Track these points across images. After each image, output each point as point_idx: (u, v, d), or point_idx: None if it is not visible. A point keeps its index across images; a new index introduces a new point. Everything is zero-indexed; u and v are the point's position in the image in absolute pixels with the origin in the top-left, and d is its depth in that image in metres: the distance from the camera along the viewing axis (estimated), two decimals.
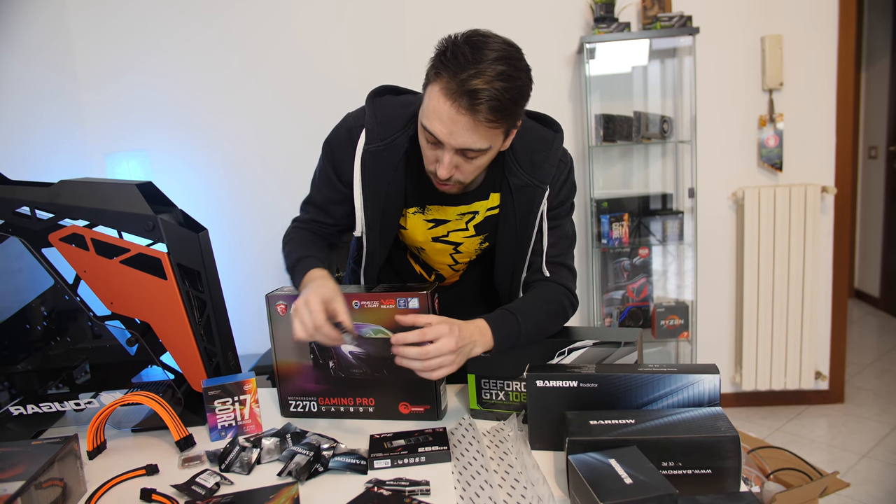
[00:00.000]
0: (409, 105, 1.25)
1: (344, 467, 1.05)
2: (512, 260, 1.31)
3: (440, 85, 1.03)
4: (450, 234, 1.31)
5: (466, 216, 1.29)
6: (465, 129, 1.04)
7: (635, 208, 2.92)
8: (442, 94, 1.03)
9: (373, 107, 1.25)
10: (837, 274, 3.02)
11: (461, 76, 1.00)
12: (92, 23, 3.02)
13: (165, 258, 1.22)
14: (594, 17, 2.75)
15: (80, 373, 1.30)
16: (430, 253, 1.36)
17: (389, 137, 1.23)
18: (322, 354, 1.25)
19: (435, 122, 1.05)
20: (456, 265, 1.38)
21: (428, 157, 1.13)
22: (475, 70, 1.00)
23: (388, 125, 1.23)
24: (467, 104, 1.01)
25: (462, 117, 1.02)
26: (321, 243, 1.35)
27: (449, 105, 1.02)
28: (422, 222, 1.30)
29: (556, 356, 1.17)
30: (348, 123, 1.28)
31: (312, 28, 2.98)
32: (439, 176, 1.11)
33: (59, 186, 1.23)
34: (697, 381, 1.03)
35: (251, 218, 3.13)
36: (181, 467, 1.12)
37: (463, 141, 1.05)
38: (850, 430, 2.87)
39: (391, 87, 1.30)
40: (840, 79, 2.87)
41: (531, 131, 1.25)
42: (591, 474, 0.84)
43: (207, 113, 3.08)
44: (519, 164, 1.23)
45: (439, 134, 1.05)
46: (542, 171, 1.24)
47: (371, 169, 1.24)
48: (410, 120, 1.23)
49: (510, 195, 1.25)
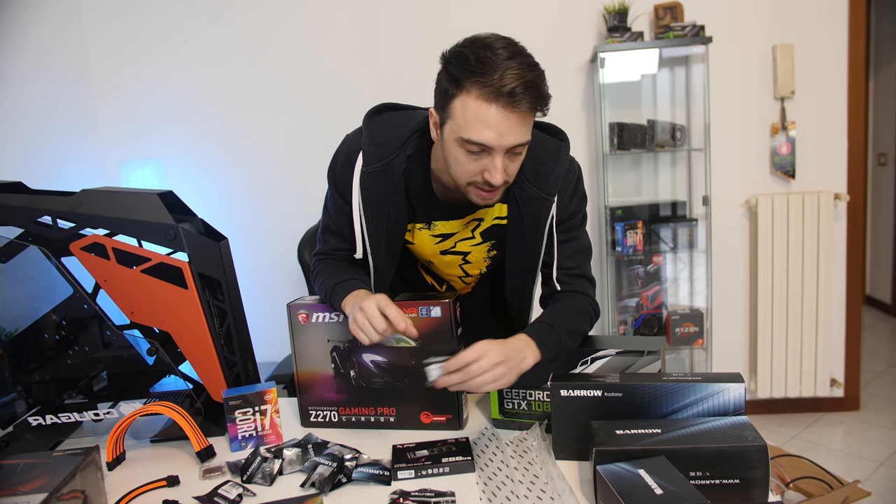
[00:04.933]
0: (408, 122, 1.24)
1: (367, 478, 1.04)
2: (522, 273, 1.30)
3: (475, 94, 1.02)
4: (457, 245, 1.30)
5: (472, 224, 1.29)
6: (513, 127, 1.03)
7: (647, 216, 2.91)
8: (482, 101, 1.02)
9: (370, 127, 1.24)
10: (851, 281, 3.00)
11: (494, 78, 1.00)
12: (108, 31, 3.05)
13: (186, 267, 1.22)
14: (607, 26, 2.75)
15: (98, 382, 1.29)
16: (440, 266, 1.35)
17: (387, 158, 1.22)
18: (343, 364, 1.24)
19: (482, 130, 1.04)
20: (466, 277, 1.37)
21: (469, 170, 1.10)
22: (504, 69, 1.00)
23: (386, 145, 1.22)
24: (511, 102, 1.01)
25: (509, 116, 1.02)
26: (356, 267, 1.34)
27: (494, 109, 1.02)
28: (429, 238, 1.30)
29: (578, 365, 1.16)
30: (346, 147, 1.27)
31: (331, 36, 3.00)
32: (494, 182, 1.08)
33: (81, 196, 1.24)
34: (722, 389, 1.02)
35: (266, 226, 3.14)
36: (202, 478, 1.11)
37: (513, 139, 1.05)
38: (867, 437, 2.84)
39: (390, 105, 1.30)
40: (851, 86, 2.86)
41: (536, 142, 1.22)
42: (620, 485, 0.83)
43: (222, 121, 3.09)
44: (525, 176, 1.21)
45: (490, 140, 1.04)
46: (549, 182, 1.22)
47: (371, 190, 1.24)
48: (408, 138, 1.22)
49: (517, 207, 1.24)
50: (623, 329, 2.97)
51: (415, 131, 1.23)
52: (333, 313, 1.23)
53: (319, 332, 1.24)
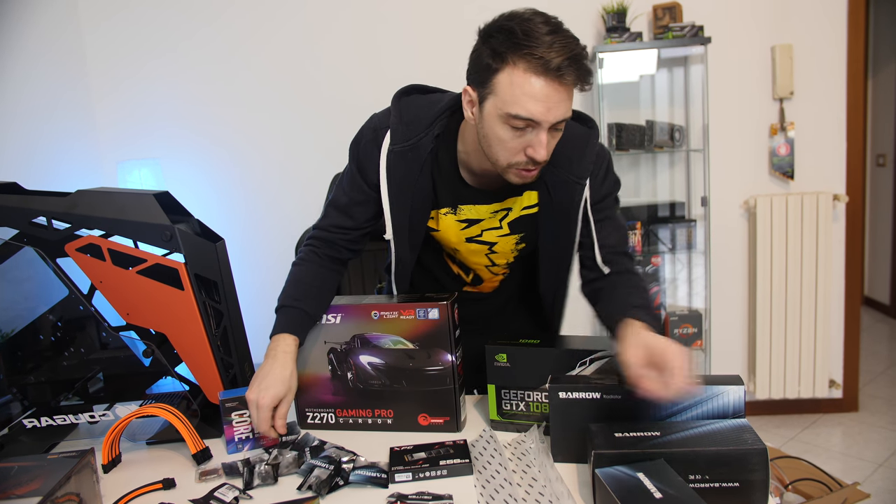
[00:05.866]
0: (436, 104, 1.23)
1: (365, 481, 1.04)
2: (556, 260, 1.28)
3: (522, 67, 1.01)
4: (483, 234, 1.28)
5: (500, 213, 1.27)
6: (560, 101, 1.03)
7: (645, 217, 2.90)
8: (530, 74, 1.01)
9: (398, 106, 1.23)
10: (850, 282, 3.00)
11: (541, 52, 0.99)
12: (106, 31, 3.04)
13: (182, 268, 1.21)
14: (606, 26, 2.74)
15: (93, 384, 1.29)
16: (465, 254, 1.33)
17: (415, 137, 1.20)
18: (340, 366, 1.24)
19: (530, 104, 1.03)
20: (493, 266, 1.35)
21: (513, 149, 1.09)
22: (550, 41, 1.00)
23: (414, 125, 1.21)
24: (557, 76, 1.01)
25: (557, 89, 1.02)
26: (326, 274, 1.32)
27: (543, 82, 1.01)
28: (454, 223, 1.28)
29: (577, 366, 1.16)
30: (374, 124, 1.26)
31: (329, 37, 2.99)
32: (539, 158, 1.07)
33: (77, 196, 1.23)
34: (722, 392, 1.01)
35: (264, 227, 3.13)
36: (198, 481, 1.10)
37: (560, 113, 1.05)
38: (866, 438, 2.84)
39: (418, 87, 1.28)
40: (849, 87, 2.86)
41: (567, 128, 1.20)
42: (619, 489, 0.83)
43: (220, 122, 3.09)
44: (555, 160, 1.20)
45: (538, 114, 1.03)
46: (580, 166, 1.21)
47: (396, 170, 1.22)
48: (436, 119, 1.21)
49: (548, 193, 1.22)
50: None
51: (444, 111, 1.22)
52: (330, 315, 1.23)
53: (316, 333, 1.23)
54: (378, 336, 1.20)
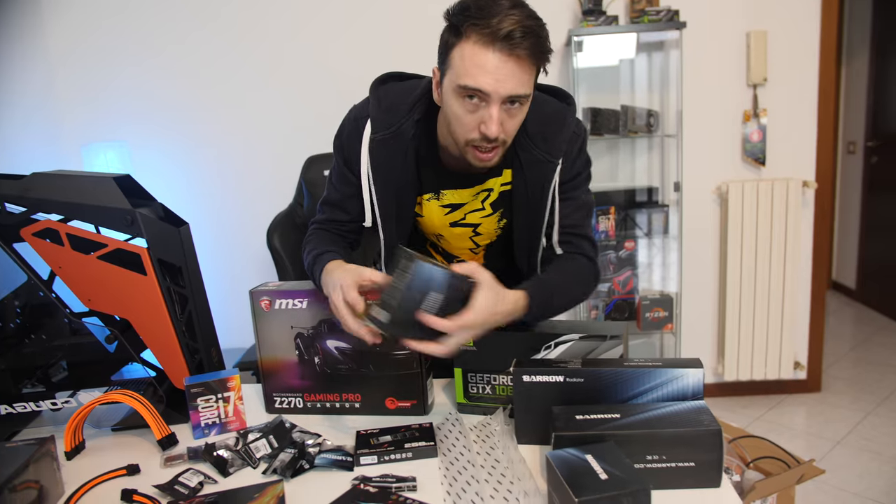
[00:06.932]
0: (414, 89, 1.22)
1: (330, 464, 1.04)
2: (528, 235, 1.28)
3: (473, 39, 1.01)
4: (467, 217, 1.29)
5: (482, 195, 1.27)
6: (511, 73, 1.02)
7: (622, 201, 2.92)
8: (479, 46, 1.01)
9: (377, 95, 1.23)
10: (817, 267, 3.06)
11: (493, 22, 0.99)
12: (68, 11, 2.94)
13: (145, 253, 1.19)
14: (582, 9, 2.74)
15: (56, 371, 1.27)
16: (450, 238, 1.33)
17: (395, 125, 1.20)
18: (307, 350, 1.23)
19: (478, 75, 1.02)
20: (476, 248, 1.36)
21: (468, 125, 1.08)
22: (503, 14, 0.99)
23: (393, 112, 1.20)
24: (508, 46, 1.00)
25: (506, 61, 1.01)
26: (340, 241, 1.33)
27: (491, 53, 1.00)
28: (438, 208, 1.28)
29: (542, 350, 1.17)
30: (353, 115, 1.25)
31: (296, 17, 2.94)
32: (489, 134, 1.06)
33: (32, 179, 1.20)
34: (682, 375, 1.03)
35: (235, 211, 3.09)
36: (163, 466, 1.10)
37: (510, 86, 1.03)
38: (826, 418, 2.92)
39: (395, 74, 1.27)
40: (821, 75, 2.89)
41: (543, 104, 1.21)
42: (567, 470, 0.84)
43: (189, 103, 3.02)
44: (530, 138, 1.19)
45: (486, 85, 1.02)
46: (554, 145, 1.21)
47: (380, 158, 1.22)
48: (415, 104, 1.20)
49: (521, 170, 1.22)
50: (595, 314, 2.99)
51: (422, 96, 1.21)
52: (297, 300, 1.22)
53: (283, 318, 1.23)
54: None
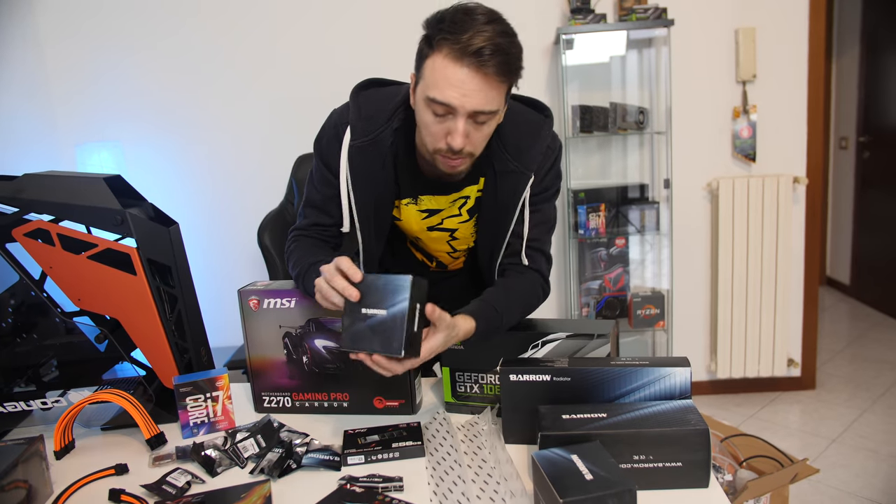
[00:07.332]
0: (394, 96, 1.23)
1: (317, 464, 1.05)
2: (491, 242, 1.30)
3: (444, 52, 1.02)
4: (444, 222, 1.30)
5: (459, 201, 1.28)
6: (477, 89, 1.03)
7: (612, 199, 2.93)
8: (448, 60, 1.02)
9: (357, 101, 1.23)
10: (809, 263, 3.07)
11: (463, 38, 1.00)
12: (62, 11, 2.94)
13: (135, 253, 1.20)
14: (570, 7, 2.74)
15: (47, 370, 1.27)
16: (427, 242, 1.35)
17: (374, 132, 1.21)
18: (295, 350, 1.24)
19: (446, 88, 1.03)
20: (454, 252, 1.37)
21: (435, 134, 1.10)
22: (475, 30, 1.01)
23: (373, 119, 1.21)
24: (476, 62, 1.01)
25: (473, 77, 1.02)
26: (325, 247, 1.32)
27: (458, 68, 1.02)
28: (415, 213, 1.29)
29: (529, 349, 1.17)
30: (333, 121, 1.26)
31: (288, 18, 2.93)
32: (454, 146, 1.07)
33: (24, 180, 1.20)
34: (669, 374, 1.04)
35: (227, 210, 3.09)
36: (152, 466, 1.10)
37: (476, 102, 1.04)
38: (822, 415, 2.93)
39: (376, 80, 1.28)
40: (811, 71, 2.90)
41: (519, 115, 1.22)
42: (552, 470, 0.85)
43: (182, 103, 3.02)
44: (505, 148, 1.21)
45: (452, 99, 1.03)
46: (528, 157, 1.22)
47: (359, 164, 1.23)
48: (395, 112, 1.21)
49: (494, 179, 1.23)
50: (586, 311, 3.00)
51: (401, 104, 1.22)
52: (285, 299, 1.22)
53: (271, 318, 1.23)
54: (333, 320, 1.20)
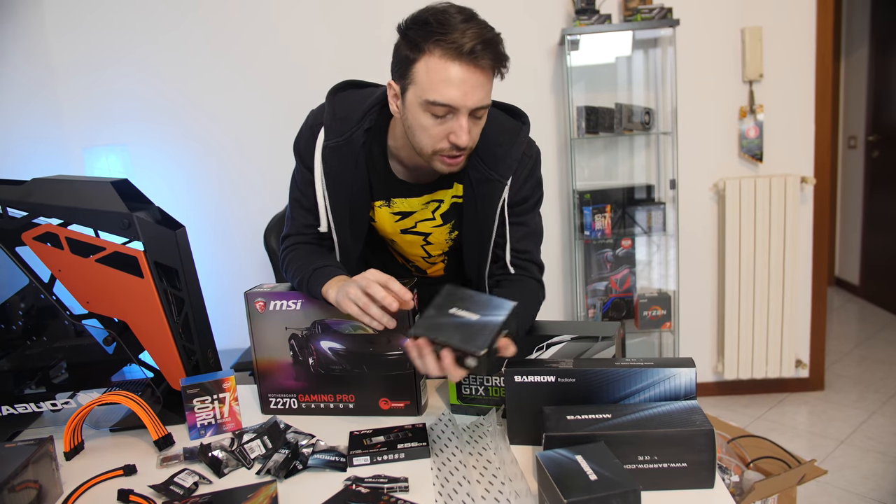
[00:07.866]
0: (368, 97, 1.25)
1: (323, 465, 1.05)
2: (478, 251, 1.31)
3: (437, 54, 1.04)
4: (417, 225, 1.31)
5: (432, 205, 1.29)
6: (477, 85, 1.06)
7: (618, 200, 2.93)
8: (444, 60, 1.04)
9: (332, 102, 1.26)
10: (817, 263, 3.05)
11: (454, 37, 1.02)
12: (69, 15, 2.97)
13: (142, 256, 1.21)
14: (575, 8, 2.74)
15: (57, 372, 1.28)
16: (402, 245, 1.36)
17: (347, 133, 1.23)
18: (301, 351, 1.24)
19: (446, 89, 1.05)
20: (430, 258, 1.38)
21: (436, 136, 1.11)
22: (463, 28, 1.03)
23: (346, 120, 1.23)
24: (471, 59, 1.03)
25: (472, 74, 1.04)
26: (325, 252, 1.32)
27: (457, 67, 1.04)
28: (389, 215, 1.31)
29: (534, 351, 1.18)
30: (310, 122, 1.28)
31: (296, 22, 2.95)
32: (461, 144, 1.09)
33: (32, 184, 1.22)
34: (674, 374, 1.03)
35: (234, 212, 3.11)
36: (160, 467, 1.11)
37: (477, 98, 1.06)
38: (830, 417, 2.92)
39: (354, 82, 1.30)
40: (818, 70, 2.89)
41: (496, 122, 1.23)
42: (556, 471, 0.85)
43: (189, 107, 3.04)
44: (480, 156, 1.22)
45: (455, 99, 1.05)
46: (504, 164, 1.23)
47: (332, 164, 1.25)
48: (367, 112, 1.23)
49: (471, 187, 1.24)
50: (592, 313, 3.00)
51: (374, 105, 1.24)
52: (291, 301, 1.23)
53: (277, 319, 1.24)
54: (338, 322, 1.21)
